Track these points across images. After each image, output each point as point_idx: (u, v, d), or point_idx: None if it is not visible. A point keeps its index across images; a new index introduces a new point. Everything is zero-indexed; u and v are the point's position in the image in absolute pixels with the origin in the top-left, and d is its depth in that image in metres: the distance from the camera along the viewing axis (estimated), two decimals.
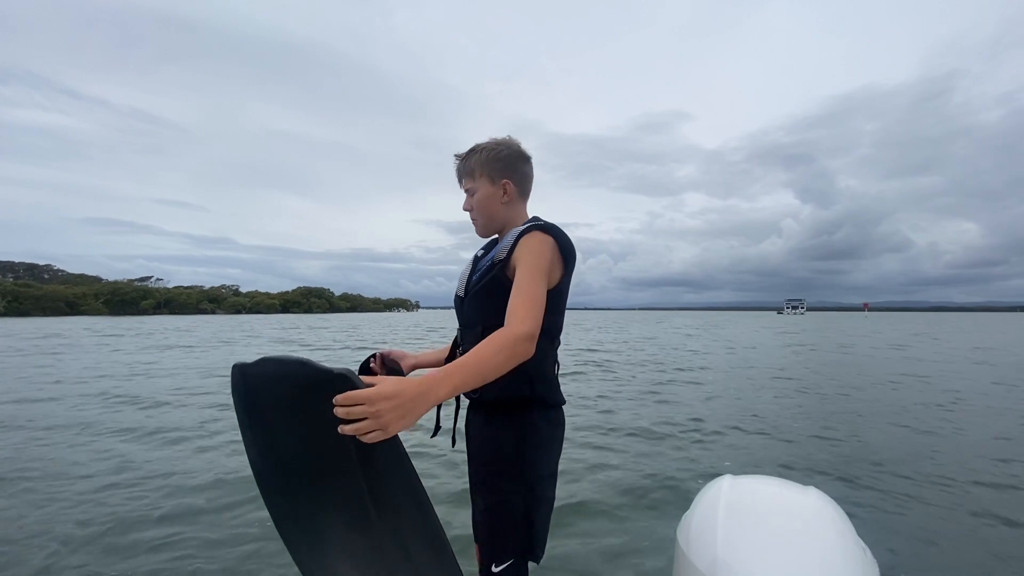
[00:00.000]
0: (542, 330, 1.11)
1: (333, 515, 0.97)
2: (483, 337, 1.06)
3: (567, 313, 1.36)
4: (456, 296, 1.40)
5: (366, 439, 0.80)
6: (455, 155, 1.42)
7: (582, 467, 3.95)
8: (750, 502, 1.27)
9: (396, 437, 0.86)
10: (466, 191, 1.39)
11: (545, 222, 1.29)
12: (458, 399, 1.28)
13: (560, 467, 1.34)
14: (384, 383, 0.83)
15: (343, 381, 0.82)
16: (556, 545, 2.58)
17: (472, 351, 0.99)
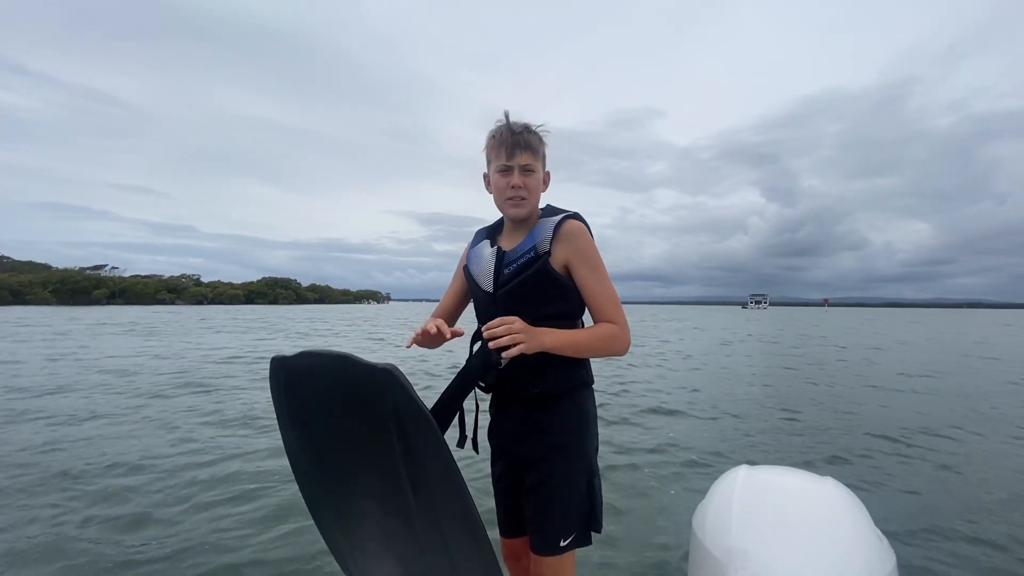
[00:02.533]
0: (581, 314, 1.32)
1: (371, 502, 1.01)
2: None
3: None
4: (482, 292, 1.34)
5: (513, 351, 1.09)
6: (506, 119, 1.30)
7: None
8: (766, 491, 1.27)
9: (437, 429, 0.90)
10: (522, 167, 1.29)
11: (571, 211, 1.32)
12: (477, 405, 1.35)
13: None
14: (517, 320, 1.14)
15: (387, 375, 0.85)
16: None
17: (589, 335, 1.23)
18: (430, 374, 8.50)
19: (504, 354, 1.11)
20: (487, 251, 1.35)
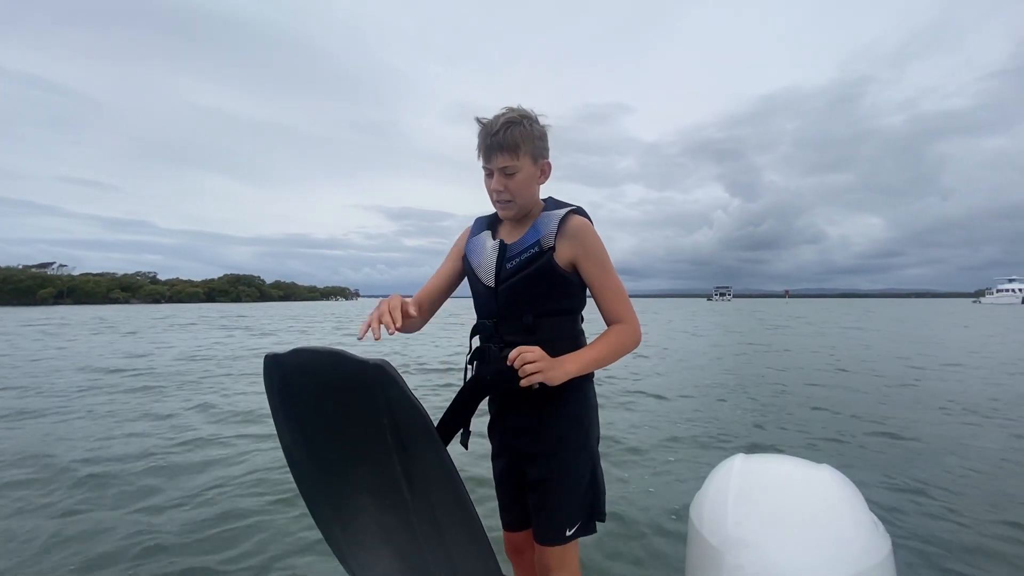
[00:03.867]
0: (581, 308, 1.35)
1: (367, 497, 1.03)
2: (534, 326, 1.24)
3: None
4: (482, 286, 1.32)
5: (533, 379, 1.11)
6: (479, 120, 1.26)
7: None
8: (762, 479, 1.28)
9: (430, 422, 0.91)
10: (500, 169, 1.24)
11: (575, 205, 1.30)
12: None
13: None
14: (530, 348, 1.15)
15: (379, 371, 0.87)
16: None
17: (607, 346, 1.23)
18: (423, 368, 8.38)
19: (523, 382, 1.12)
20: (488, 243, 1.33)
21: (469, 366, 1.30)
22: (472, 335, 1.32)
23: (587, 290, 1.31)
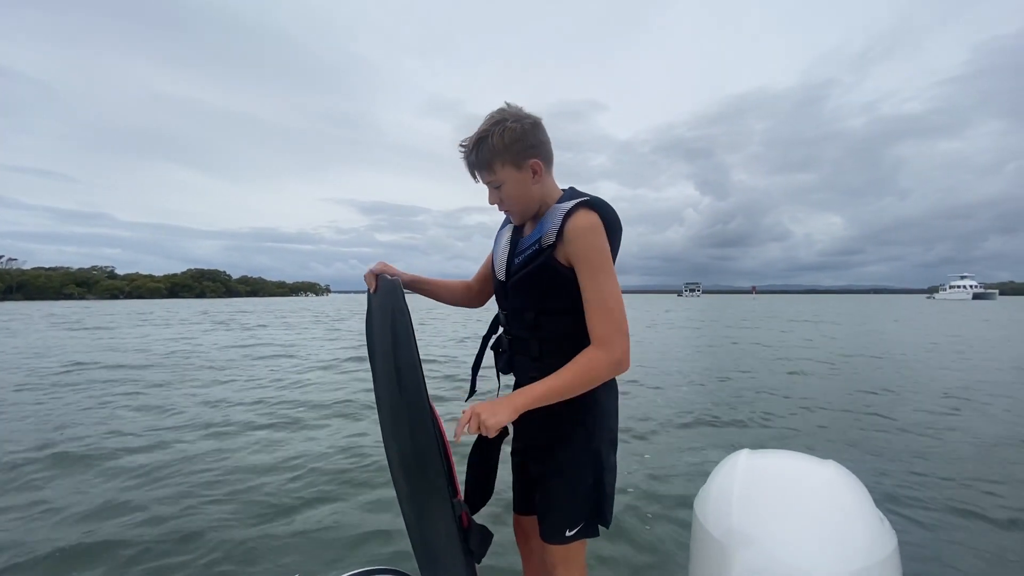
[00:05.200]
0: None
1: (383, 390, 1.30)
2: (536, 323, 1.24)
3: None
4: (496, 280, 1.36)
5: (472, 429, 1.08)
6: (460, 145, 1.26)
7: None
8: (767, 474, 1.28)
9: (408, 320, 1.15)
10: (487, 184, 1.26)
11: (590, 197, 1.20)
12: (498, 374, 1.41)
13: None
14: (476, 404, 1.11)
15: (391, 285, 1.23)
16: None
17: (570, 376, 1.13)
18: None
19: (486, 433, 1.09)
20: (505, 237, 1.35)
21: (490, 350, 1.41)
22: (492, 322, 1.41)
23: None
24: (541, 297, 1.23)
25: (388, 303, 1.20)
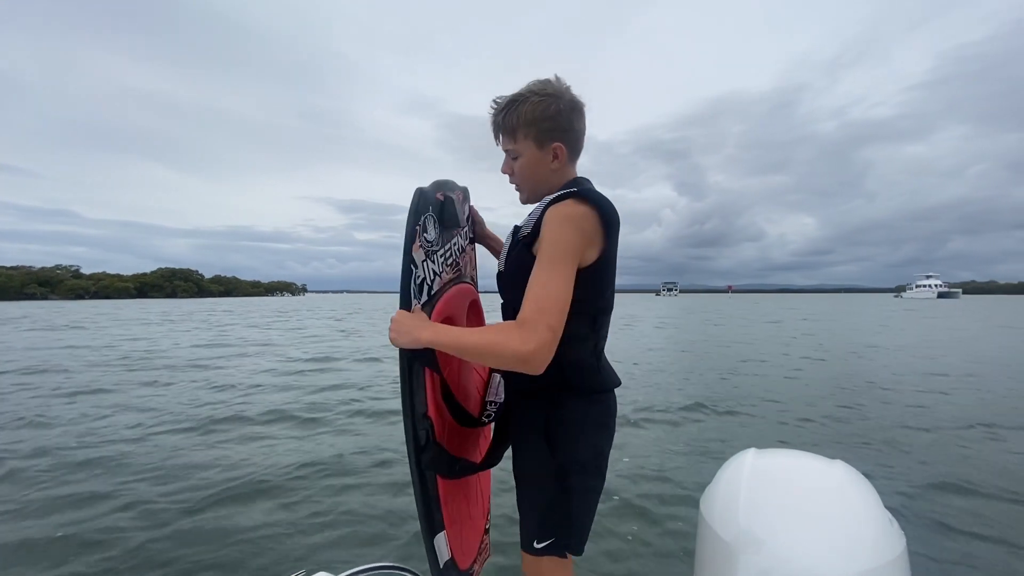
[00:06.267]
0: (580, 314, 1.08)
1: None
2: (514, 318, 1.09)
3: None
4: (498, 271, 1.32)
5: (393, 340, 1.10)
6: (493, 102, 1.21)
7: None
8: (774, 474, 1.26)
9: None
10: (505, 152, 1.22)
11: (582, 188, 1.12)
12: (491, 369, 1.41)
13: None
14: (399, 312, 1.12)
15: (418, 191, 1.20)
16: None
17: (477, 336, 1.03)
18: None
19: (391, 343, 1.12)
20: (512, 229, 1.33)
21: None
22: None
23: (601, 286, 1.15)
24: (519, 292, 1.12)
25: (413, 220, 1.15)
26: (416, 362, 1.12)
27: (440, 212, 1.26)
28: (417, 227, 1.14)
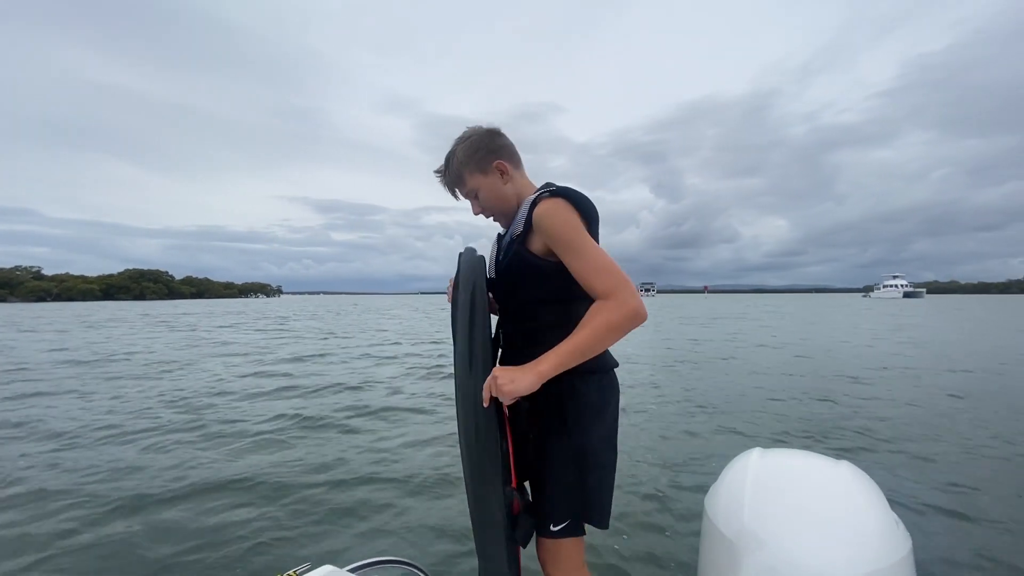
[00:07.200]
0: (584, 299, 1.16)
1: (460, 364, 1.22)
2: (517, 314, 1.31)
3: None
4: (489, 278, 1.36)
5: (508, 396, 1.08)
6: (435, 172, 1.39)
7: None
8: (778, 473, 1.27)
9: (484, 299, 1.19)
10: (466, 197, 1.36)
11: (557, 186, 1.23)
12: None
13: None
14: (498, 368, 1.12)
15: (479, 261, 1.26)
16: None
17: (586, 330, 1.09)
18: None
19: (501, 398, 1.10)
20: (496, 238, 1.45)
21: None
22: (497, 324, 1.43)
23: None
24: (517, 288, 1.27)
25: (471, 277, 1.22)
26: (493, 435, 1.15)
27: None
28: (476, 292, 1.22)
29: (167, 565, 2.31)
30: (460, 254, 1.34)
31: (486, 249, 1.48)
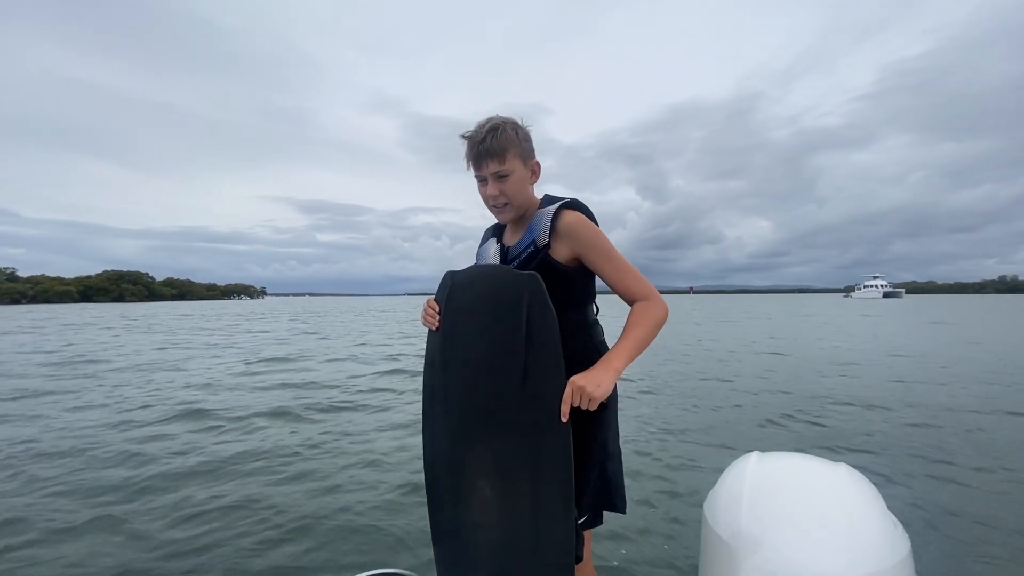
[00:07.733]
0: (592, 298, 1.38)
1: (492, 400, 1.23)
2: None
3: None
4: None
5: (593, 403, 1.11)
6: (462, 136, 1.32)
7: None
8: (777, 477, 1.28)
9: (559, 345, 1.18)
10: (493, 175, 1.30)
11: (570, 199, 1.32)
12: None
13: None
14: (578, 376, 1.14)
15: (532, 280, 1.19)
16: None
17: (640, 327, 1.22)
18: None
19: (592, 406, 1.13)
20: (492, 249, 1.43)
21: None
22: None
23: (594, 280, 1.34)
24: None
25: (524, 296, 1.20)
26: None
27: None
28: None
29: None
30: (450, 274, 1.35)
31: (470, 254, 1.49)
